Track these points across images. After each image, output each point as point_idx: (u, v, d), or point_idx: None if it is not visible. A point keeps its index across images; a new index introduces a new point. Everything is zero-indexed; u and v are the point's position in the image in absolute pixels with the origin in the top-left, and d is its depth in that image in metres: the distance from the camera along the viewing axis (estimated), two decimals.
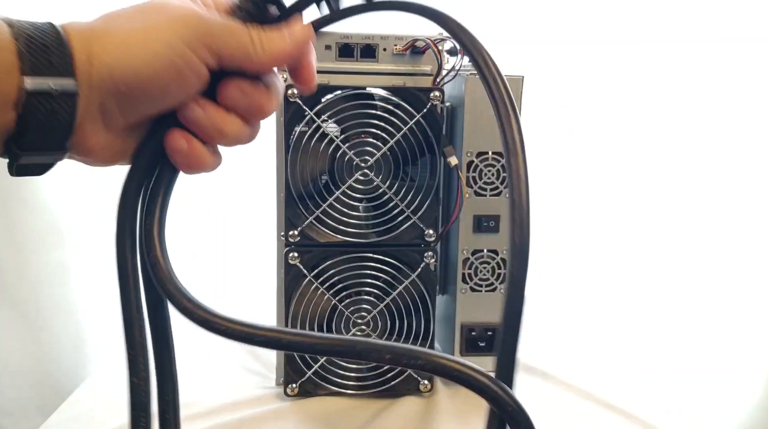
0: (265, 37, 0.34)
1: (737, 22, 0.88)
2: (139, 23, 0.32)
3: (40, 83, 0.29)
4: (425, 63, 0.62)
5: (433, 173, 0.62)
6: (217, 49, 0.32)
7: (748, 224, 0.93)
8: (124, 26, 0.32)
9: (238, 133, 0.35)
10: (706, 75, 0.91)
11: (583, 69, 0.92)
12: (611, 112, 0.95)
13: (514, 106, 0.34)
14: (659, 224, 0.99)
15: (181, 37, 0.32)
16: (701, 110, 0.94)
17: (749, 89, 0.90)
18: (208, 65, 0.33)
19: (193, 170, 0.35)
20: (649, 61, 0.93)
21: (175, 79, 0.32)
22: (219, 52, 0.33)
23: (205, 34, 0.32)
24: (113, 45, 0.31)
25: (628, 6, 0.92)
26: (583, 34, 0.93)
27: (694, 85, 0.93)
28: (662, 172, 0.98)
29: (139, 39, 0.31)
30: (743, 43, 0.89)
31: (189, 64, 0.32)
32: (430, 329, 0.65)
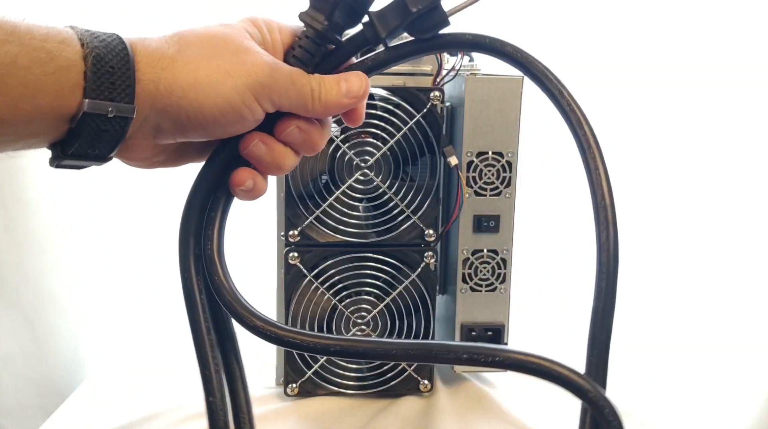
0: (324, 88, 0.36)
1: (745, 22, 0.88)
2: (214, 61, 0.33)
3: (99, 106, 0.30)
4: (425, 63, 0.62)
5: (433, 173, 0.62)
6: (279, 100, 0.35)
7: (755, 223, 0.92)
8: (198, 60, 0.33)
9: (292, 166, 0.37)
10: (711, 75, 0.91)
11: (584, 69, 0.92)
12: (614, 111, 0.95)
13: (602, 155, 0.36)
14: (659, 224, 0.99)
15: (250, 87, 0.33)
16: (706, 110, 0.94)
17: (754, 89, 0.90)
18: (267, 110, 0.35)
19: (250, 199, 0.37)
20: (652, 61, 0.93)
21: (235, 121, 0.34)
22: (280, 102, 0.35)
23: (271, 87, 0.34)
24: (184, 78, 0.32)
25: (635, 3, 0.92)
26: (586, 33, 0.92)
27: (697, 85, 0.93)
28: (664, 172, 0.98)
29: (211, 79, 0.33)
30: (750, 43, 0.89)
31: (251, 110, 0.34)
32: (430, 329, 0.65)
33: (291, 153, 0.37)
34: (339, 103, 0.36)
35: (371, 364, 0.65)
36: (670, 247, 0.98)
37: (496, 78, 0.62)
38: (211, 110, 0.33)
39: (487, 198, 0.64)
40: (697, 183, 0.97)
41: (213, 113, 0.33)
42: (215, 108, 0.33)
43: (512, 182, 0.64)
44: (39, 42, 0.29)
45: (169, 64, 0.32)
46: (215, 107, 0.33)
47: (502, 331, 0.66)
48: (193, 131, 0.34)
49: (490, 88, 0.62)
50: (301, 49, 0.36)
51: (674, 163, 0.97)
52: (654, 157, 0.98)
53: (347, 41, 0.37)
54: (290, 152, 0.37)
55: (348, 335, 0.64)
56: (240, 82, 0.33)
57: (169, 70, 0.32)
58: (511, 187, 0.64)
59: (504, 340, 0.66)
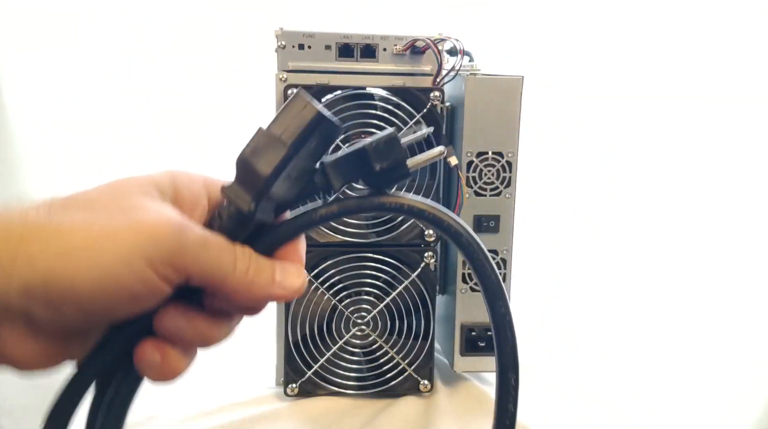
0: (254, 267, 0.28)
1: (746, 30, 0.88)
2: (94, 224, 0.26)
3: None
4: (425, 63, 0.62)
5: (433, 173, 0.63)
6: (187, 269, 0.26)
7: (755, 228, 0.93)
8: (72, 224, 0.25)
9: (226, 335, 0.30)
10: (709, 84, 0.91)
11: (583, 69, 0.92)
12: (613, 113, 0.95)
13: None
14: (660, 223, 0.99)
15: (143, 254, 0.25)
16: (704, 117, 0.94)
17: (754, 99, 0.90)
18: (172, 284, 0.27)
19: (163, 381, 0.29)
20: (652, 64, 0.93)
21: (127, 300, 0.26)
22: (188, 272, 0.27)
23: (175, 253, 0.26)
24: (52, 249, 0.25)
25: (633, 8, 0.92)
26: (585, 35, 0.93)
27: (696, 93, 0.93)
28: (664, 173, 0.98)
29: (86, 244, 0.25)
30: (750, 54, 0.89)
31: (147, 286, 0.26)
32: (430, 329, 0.65)
33: (222, 322, 0.29)
34: (268, 291, 0.28)
35: (371, 365, 0.65)
36: (670, 248, 0.98)
37: (496, 78, 0.62)
38: (86, 286, 0.25)
39: (487, 198, 0.64)
40: (698, 188, 0.97)
41: (89, 290, 0.25)
42: (91, 282, 0.25)
43: (512, 182, 0.64)
44: None
45: (32, 234, 0.25)
46: (91, 281, 0.25)
47: None
48: (76, 318, 0.26)
49: (490, 88, 0.62)
50: (227, 220, 0.29)
51: (675, 164, 0.98)
52: (654, 157, 0.98)
53: (287, 222, 0.30)
54: (221, 321, 0.29)
55: (348, 335, 0.64)
56: (124, 247, 0.25)
57: (32, 241, 0.25)
58: (511, 187, 0.64)
59: None
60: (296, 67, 0.61)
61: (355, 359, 0.65)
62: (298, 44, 0.60)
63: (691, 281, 0.94)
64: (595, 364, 0.75)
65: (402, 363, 0.65)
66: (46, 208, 0.26)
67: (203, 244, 0.27)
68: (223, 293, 0.28)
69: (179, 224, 0.26)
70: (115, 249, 0.25)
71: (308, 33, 0.60)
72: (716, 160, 0.95)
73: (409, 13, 0.83)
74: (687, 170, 0.97)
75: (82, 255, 0.25)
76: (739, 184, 0.94)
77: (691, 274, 0.95)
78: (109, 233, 0.25)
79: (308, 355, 0.64)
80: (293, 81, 0.60)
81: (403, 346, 0.65)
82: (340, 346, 0.64)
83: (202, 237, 0.27)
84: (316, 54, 0.61)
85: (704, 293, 0.91)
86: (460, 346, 0.66)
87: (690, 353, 0.78)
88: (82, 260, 0.25)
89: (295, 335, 0.64)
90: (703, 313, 0.88)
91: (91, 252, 0.25)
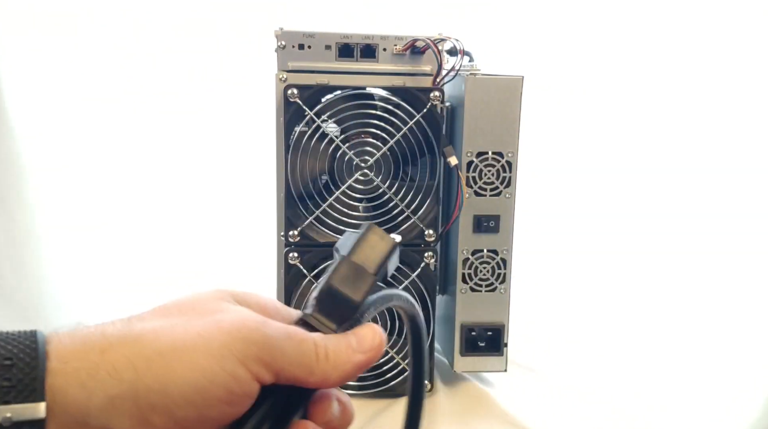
0: (331, 348, 0.28)
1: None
2: (180, 326, 0.26)
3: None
4: (425, 63, 0.62)
5: (433, 173, 0.62)
6: (275, 361, 0.26)
7: (755, 228, 0.93)
8: (158, 329, 0.26)
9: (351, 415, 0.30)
10: (708, 84, 0.91)
11: (583, 69, 0.92)
12: (613, 112, 0.95)
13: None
14: (659, 223, 0.99)
15: (234, 351, 0.25)
16: (703, 117, 0.94)
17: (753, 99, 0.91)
18: (261, 380, 0.26)
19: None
20: (652, 64, 0.93)
21: (220, 402, 0.25)
22: (277, 367, 0.27)
23: (263, 347, 0.26)
24: (140, 355, 0.25)
25: (633, 8, 0.92)
26: (585, 35, 0.93)
27: (694, 93, 0.93)
28: (663, 172, 0.98)
29: (176, 346, 0.25)
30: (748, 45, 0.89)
31: (240, 385, 0.26)
32: (429, 329, 0.65)
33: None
34: (352, 361, 0.28)
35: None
36: (670, 248, 0.98)
37: (496, 78, 0.62)
38: (180, 389, 0.24)
39: (487, 198, 0.64)
40: (698, 188, 0.97)
41: (183, 392, 0.24)
42: (185, 384, 0.24)
43: (512, 182, 0.64)
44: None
45: (113, 345, 0.25)
46: (185, 383, 0.24)
47: (502, 331, 0.66)
48: (161, 426, 0.25)
49: (490, 88, 0.62)
50: (306, 326, 0.29)
51: (672, 172, 0.98)
52: (654, 158, 0.98)
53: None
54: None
55: None
56: (215, 345, 0.25)
57: (115, 352, 0.25)
58: (511, 187, 0.64)
59: (504, 340, 0.66)
60: (296, 66, 0.61)
61: None
62: (298, 44, 0.60)
63: (691, 281, 0.94)
64: (595, 364, 0.75)
65: (402, 363, 0.65)
66: (123, 322, 0.26)
67: (287, 335, 0.27)
68: (311, 382, 0.27)
69: (262, 320, 0.27)
70: (207, 347, 0.25)
71: (308, 33, 0.60)
72: (716, 159, 0.95)
73: (409, 13, 0.84)
74: (686, 170, 0.97)
75: (174, 356, 0.24)
76: (739, 183, 0.94)
77: (691, 274, 0.95)
78: (199, 333, 0.25)
79: None
80: (293, 81, 0.60)
81: (403, 346, 0.65)
82: None
83: (284, 328, 0.27)
84: (316, 54, 0.61)
85: (704, 293, 0.92)
86: (459, 346, 0.66)
87: (690, 353, 0.78)
88: (174, 362, 0.24)
89: None
90: (702, 312, 0.88)
91: (184, 352, 0.25)
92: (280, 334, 0.27)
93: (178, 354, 0.25)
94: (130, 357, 0.24)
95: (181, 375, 0.24)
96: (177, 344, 0.25)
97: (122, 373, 0.24)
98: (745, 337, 0.81)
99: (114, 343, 0.25)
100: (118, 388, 0.24)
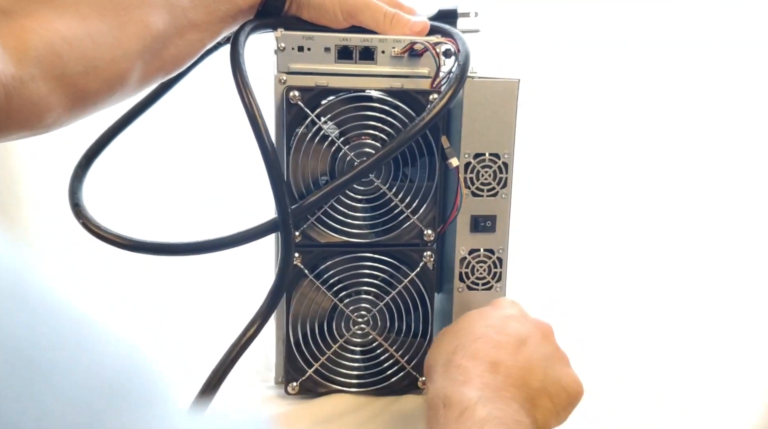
0: (395, 19, 0.56)
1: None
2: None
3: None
4: (423, 65, 0.63)
5: (432, 174, 0.63)
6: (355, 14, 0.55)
7: (755, 228, 0.94)
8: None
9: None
10: (707, 84, 0.92)
11: (579, 71, 0.93)
12: (608, 114, 0.96)
13: None
14: (658, 223, 1.00)
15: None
16: (702, 117, 0.95)
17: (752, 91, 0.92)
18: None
19: None
20: (648, 65, 0.94)
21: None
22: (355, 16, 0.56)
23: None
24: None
25: (631, 9, 0.93)
26: (580, 37, 0.94)
27: (693, 93, 0.94)
28: (663, 176, 0.99)
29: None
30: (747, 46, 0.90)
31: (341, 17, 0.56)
32: (428, 327, 0.66)
33: None
34: (402, 33, 0.58)
35: (370, 362, 0.66)
36: (671, 247, 0.99)
37: (493, 81, 0.63)
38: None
39: (484, 198, 0.65)
40: (697, 188, 0.98)
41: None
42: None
43: (508, 183, 0.65)
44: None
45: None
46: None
47: None
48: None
49: (487, 90, 0.63)
50: None
51: (674, 164, 0.99)
52: (653, 158, 0.99)
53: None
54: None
55: (348, 334, 0.65)
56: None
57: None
58: (507, 187, 0.65)
59: None
60: (295, 69, 0.61)
61: (355, 357, 0.66)
62: (297, 46, 0.61)
63: (691, 280, 0.95)
64: (593, 362, 0.76)
65: (401, 361, 0.66)
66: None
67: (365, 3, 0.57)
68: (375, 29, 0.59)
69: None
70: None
71: (307, 35, 0.61)
72: (715, 159, 0.96)
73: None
74: (685, 169, 0.98)
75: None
76: (739, 183, 0.96)
77: (691, 274, 0.96)
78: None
79: (309, 354, 0.65)
80: (292, 83, 0.60)
81: (402, 344, 0.66)
82: (341, 344, 0.65)
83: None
84: (315, 56, 0.61)
85: (704, 292, 0.93)
86: None
87: (689, 353, 0.79)
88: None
89: (296, 334, 0.64)
90: (702, 312, 0.89)
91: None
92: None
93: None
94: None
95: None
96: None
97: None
98: (745, 337, 0.82)
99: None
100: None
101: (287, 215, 0.54)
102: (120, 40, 0.40)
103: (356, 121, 0.61)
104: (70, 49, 0.38)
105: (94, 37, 0.39)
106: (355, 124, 0.61)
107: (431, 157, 0.63)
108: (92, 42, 0.39)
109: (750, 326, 0.85)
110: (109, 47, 0.40)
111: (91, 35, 0.39)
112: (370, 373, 0.66)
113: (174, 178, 0.91)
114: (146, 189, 0.88)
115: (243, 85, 0.53)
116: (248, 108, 0.53)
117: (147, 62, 0.44)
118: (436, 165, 0.63)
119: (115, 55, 0.40)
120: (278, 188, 0.53)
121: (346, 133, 0.62)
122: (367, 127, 0.61)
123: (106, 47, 0.40)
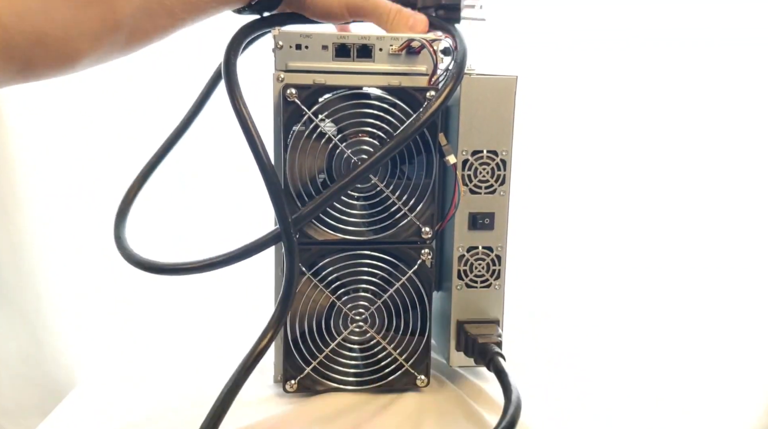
0: (398, 16, 0.56)
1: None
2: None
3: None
4: (421, 63, 0.63)
5: (430, 171, 0.63)
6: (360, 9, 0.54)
7: (755, 228, 0.93)
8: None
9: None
10: (706, 84, 0.92)
11: (577, 68, 0.93)
12: (607, 111, 0.96)
13: None
14: (658, 222, 1.00)
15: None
16: (701, 116, 0.95)
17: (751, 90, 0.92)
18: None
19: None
20: (647, 62, 0.94)
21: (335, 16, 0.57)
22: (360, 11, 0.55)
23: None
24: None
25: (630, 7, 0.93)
26: (579, 34, 0.94)
27: (692, 92, 0.94)
28: (661, 174, 0.99)
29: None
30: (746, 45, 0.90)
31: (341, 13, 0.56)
32: (426, 325, 0.66)
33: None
34: (402, 31, 0.59)
35: (369, 360, 0.66)
36: (670, 246, 0.99)
37: (491, 78, 0.63)
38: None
39: (482, 195, 0.65)
40: (697, 187, 0.98)
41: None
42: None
43: (506, 180, 0.65)
44: None
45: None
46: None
47: (497, 326, 0.67)
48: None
49: (484, 87, 0.63)
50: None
51: (674, 164, 0.98)
52: (653, 157, 0.99)
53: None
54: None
55: (346, 332, 0.65)
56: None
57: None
58: (505, 184, 0.65)
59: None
60: (293, 66, 0.61)
61: (353, 355, 0.66)
62: (295, 44, 0.61)
63: (691, 280, 0.95)
64: (592, 360, 0.76)
65: (399, 358, 0.66)
66: None
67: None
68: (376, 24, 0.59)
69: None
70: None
71: (305, 33, 0.61)
72: (714, 158, 0.96)
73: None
74: (684, 168, 0.98)
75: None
76: (739, 182, 0.95)
77: (691, 273, 0.96)
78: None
79: (307, 352, 0.65)
80: (291, 81, 0.61)
81: (400, 342, 0.66)
82: (339, 342, 0.65)
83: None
84: (313, 54, 0.61)
85: (703, 292, 0.92)
86: (455, 341, 0.68)
87: (689, 352, 0.78)
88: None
89: (294, 332, 0.64)
90: (702, 312, 0.89)
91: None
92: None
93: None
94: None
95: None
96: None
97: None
98: (745, 337, 0.82)
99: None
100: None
101: (288, 225, 0.54)
102: (78, 20, 0.38)
103: (353, 119, 0.61)
104: (19, 21, 0.37)
105: (49, 13, 0.38)
106: (353, 122, 0.61)
107: (429, 154, 0.63)
108: (45, 17, 0.37)
109: (750, 326, 0.85)
110: (63, 25, 0.38)
111: (47, 11, 0.38)
112: (369, 371, 0.66)
113: (174, 179, 0.91)
114: (145, 188, 0.88)
115: (240, 107, 0.54)
116: (246, 128, 0.54)
117: (105, 44, 0.41)
118: (433, 162, 0.63)
119: (69, 34, 0.38)
120: (278, 200, 0.54)
121: (344, 130, 0.62)
122: (364, 125, 0.61)
123: (60, 25, 0.38)
